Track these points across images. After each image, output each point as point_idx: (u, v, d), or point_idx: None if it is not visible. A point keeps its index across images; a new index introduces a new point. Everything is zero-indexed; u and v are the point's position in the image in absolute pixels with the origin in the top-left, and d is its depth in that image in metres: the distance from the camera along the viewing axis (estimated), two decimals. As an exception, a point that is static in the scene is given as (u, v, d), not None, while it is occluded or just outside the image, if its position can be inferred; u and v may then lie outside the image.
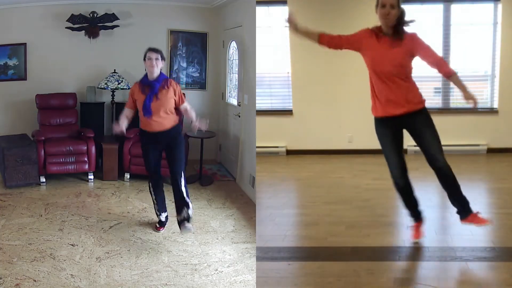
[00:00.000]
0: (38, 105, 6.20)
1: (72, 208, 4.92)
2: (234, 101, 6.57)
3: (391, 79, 3.31)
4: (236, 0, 6.23)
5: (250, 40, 5.64)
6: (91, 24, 6.57)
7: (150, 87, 4.11)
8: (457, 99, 6.99)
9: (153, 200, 4.49)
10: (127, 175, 6.05)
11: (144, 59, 4.14)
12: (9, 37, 6.44)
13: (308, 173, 5.98)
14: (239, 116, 6.10)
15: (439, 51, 6.77)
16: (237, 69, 6.38)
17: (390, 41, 3.31)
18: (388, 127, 3.42)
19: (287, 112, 7.22)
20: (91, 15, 6.55)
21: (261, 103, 7.17)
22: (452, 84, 6.79)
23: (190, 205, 4.21)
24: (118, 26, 6.68)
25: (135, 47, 6.94)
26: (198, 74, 7.29)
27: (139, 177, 6.04)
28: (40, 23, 6.52)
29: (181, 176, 4.21)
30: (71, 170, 5.83)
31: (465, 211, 3.51)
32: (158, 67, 4.12)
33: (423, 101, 3.40)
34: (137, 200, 5.33)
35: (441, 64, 3.34)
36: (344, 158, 4.04)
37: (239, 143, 6.12)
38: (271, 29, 7.12)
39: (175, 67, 7.19)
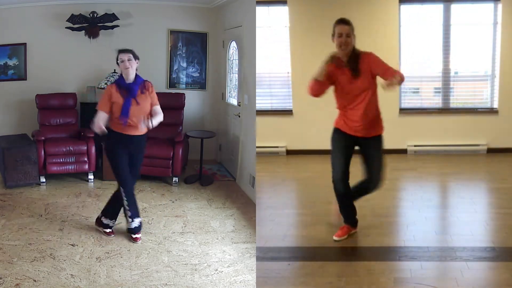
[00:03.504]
0: (38, 105, 6.20)
1: (72, 208, 4.92)
2: (234, 101, 6.57)
3: (359, 104, 3.49)
4: (236, 0, 6.23)
5: (250, 40, 5.63)
6: (91, 24, 6.57)
7: (128, 91, 3.98)
8: (457, 99, 6.97)
9: (124, 207, 4.22)
10: (127, 175, 6.04)
11: (117, 62, 4.03)
12: (9, 37, 6.44)
13: (308, 173, 5.97)
14: (239, 116, 6.09)
15: (439, 51, 6.78)
16: (237, 69, 6.38)
17: (352, 72, 3.46)
18: (345, 139, 3.62)
19: (287, 112, 7.21)
20: (91, 15, 6.55)
21: (261, 103, 7.17)
22: (452, 84, 6.91)
23: (139, 214, 4.31)
24: (118, 26, 6.68)
25: (135, 47, 6.94)
26: (198, 74, 7.29)
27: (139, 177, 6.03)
28: (40, 23, 6.52)
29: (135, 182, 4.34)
30: (71, 170, 5.83)
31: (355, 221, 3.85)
32: (133, 68, 4.01)
33: (382, 128, 3.63)
34: (136, 200, 5.32)
35: (393, 73, 3.40)
36: (344, 158, 4.03)
37: (239, 143, 6.12)
38: (271, 29, 7.12)
39: (175, 67, 7.18)
